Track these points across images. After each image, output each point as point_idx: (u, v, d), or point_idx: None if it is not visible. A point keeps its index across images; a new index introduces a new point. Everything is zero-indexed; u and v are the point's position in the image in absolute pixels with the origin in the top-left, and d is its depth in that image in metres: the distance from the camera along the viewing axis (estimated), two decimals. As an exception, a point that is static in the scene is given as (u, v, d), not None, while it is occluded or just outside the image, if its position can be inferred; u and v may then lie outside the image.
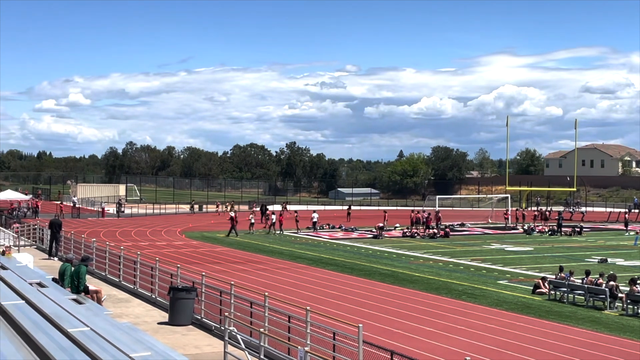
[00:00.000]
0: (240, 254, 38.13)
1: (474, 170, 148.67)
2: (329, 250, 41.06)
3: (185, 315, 18.47)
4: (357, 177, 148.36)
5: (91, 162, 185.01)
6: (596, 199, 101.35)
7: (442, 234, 50.06)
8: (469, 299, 25.14)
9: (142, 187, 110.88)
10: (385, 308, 23.11)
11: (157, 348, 7.14)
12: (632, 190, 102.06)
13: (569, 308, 23.64)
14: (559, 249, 42.25)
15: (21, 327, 7.24)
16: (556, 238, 50.51)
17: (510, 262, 35.37)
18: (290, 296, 23.18)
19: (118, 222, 61.08)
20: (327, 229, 56.10)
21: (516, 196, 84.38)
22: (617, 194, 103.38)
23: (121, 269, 25.17)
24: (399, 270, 32.36)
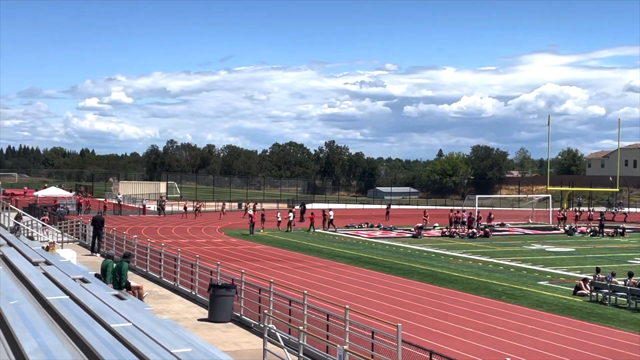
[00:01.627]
0: (279, 251, 38.25)
1: (515, 169, 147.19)
2: (367, 249, 40.99)
3: (225, 312, 18.57)
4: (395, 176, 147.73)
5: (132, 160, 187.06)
6: (639, 199, 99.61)
7: (482, 234, 49.66)
8: (509, 299, 24.90)
9: (182, 185, 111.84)
10: (424, 308, 23.00)
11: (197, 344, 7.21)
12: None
13: (610, 310, 23.29)
14: (600, 250, 41.64)
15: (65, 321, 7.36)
16: (598, 239, 49.79)
17: (551, 263, 34.95)
18: (329, 294, 23.19)
19: (159, 219, 61.71)
20: (365, 228, 55.99)
21: (557, 196, 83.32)
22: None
23: (162, 265, 25.42)
24: (437, 269, 32.18)
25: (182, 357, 6.27)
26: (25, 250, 14.25)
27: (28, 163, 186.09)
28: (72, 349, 6.43)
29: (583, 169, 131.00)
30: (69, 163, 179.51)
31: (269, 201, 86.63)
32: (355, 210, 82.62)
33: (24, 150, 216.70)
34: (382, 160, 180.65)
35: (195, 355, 6.43)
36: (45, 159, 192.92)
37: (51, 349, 5.89)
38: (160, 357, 6.15)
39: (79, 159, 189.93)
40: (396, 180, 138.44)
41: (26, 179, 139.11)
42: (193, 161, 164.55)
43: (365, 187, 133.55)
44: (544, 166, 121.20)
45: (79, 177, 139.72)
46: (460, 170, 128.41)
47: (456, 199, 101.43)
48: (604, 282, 24.96)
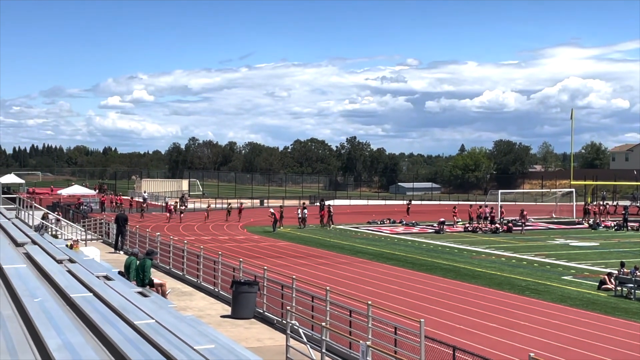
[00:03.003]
0: (301, 248, 38.32)
1: (537, 164, 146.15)
2: (389, 245, 40.93)
3: (248, 309, 18.64)
4: (417, 171, 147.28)
5: (155, 158, 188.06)
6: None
7: (505, 229, 49.40)
8: (533, 294, 24.78)
9: (204, 182, 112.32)
10: (447, 303, 22.95)
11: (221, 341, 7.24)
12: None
13: (636, 304, 23.10)
14: (625, 244, 41.27)
15: (89, 319, 7.42)
16: (623, 233, 49.35)
17: (575, 258, 34.71)
18: (351, 290, 23.20)
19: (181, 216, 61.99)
20: (387, 224, 55.90)
21: (581, 191, 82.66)
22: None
23: (185, 262, 25.56)
24: (460, 265, 32.07)
25: (205, 354, 6.29)
26: (49, 248, 14.39)
27: (51, 162, 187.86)
28: (96, 346, 6.48)
29: (607, 163, 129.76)
30: (92, 161, 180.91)
31: (291, 197, 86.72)
32: (377, 207, 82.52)
33: (47, 149, 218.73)
34: (403, 156, 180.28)
35: (218, 352, 6.46)
36: (68, 157, 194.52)
37: (75, 347, 5.93)
38: (184, 354, 6.18)
39: (101, 157, 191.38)
40: (418, 176, 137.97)
41: (50, 177, 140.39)
42: (215, 158, 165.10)
43: (387, 183, 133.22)
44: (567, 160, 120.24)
45: (101, 175, 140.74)
46: (482, 165, 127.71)
47: (479, 194, 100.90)
48: (629, 277, 24.76)
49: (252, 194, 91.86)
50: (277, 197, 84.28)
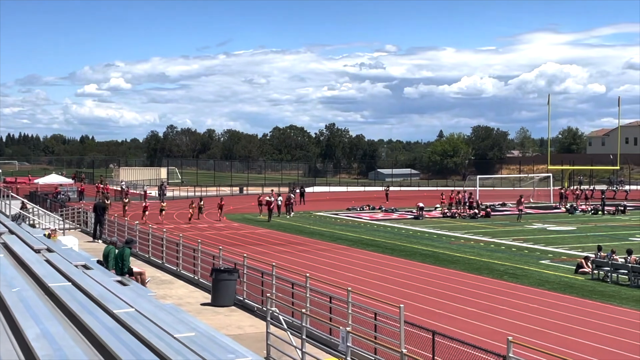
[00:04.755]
0: (281, 235, 38.32)
1: (515, 149, 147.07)
2: (369, 231, 41.04)
3: (228, 297, 18.63)
4: (396, 157, 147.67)
5: (133, 146, 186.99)
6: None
7: (483, 214, 49.70)
8: (511, 279, 24.97)
9: (183, 170, 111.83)
10: (426, 289, 23.07)
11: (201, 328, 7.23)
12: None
13: (612, 287, 23.35)
14: (602, 228, 41.68)
15: (68, 308, 7.39)
16: (599, 217, 49.83)
17: (553, 242, 35.01)
18: (331, 277, 23.25)
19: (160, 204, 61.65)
20: (367, 210, 56.03)
21: (558, 175, 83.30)
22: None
23: (164, 251, 25.47)
24: (439, 250, 32.24)
25: (186, 342, 6.28)
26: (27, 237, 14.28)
27: (28, 151, 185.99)
28: (75, 335, 6.45)
29: (584, 148, 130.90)
30: (69, 150, 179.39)
31: (270, 185, 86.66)
32: (356, 193, 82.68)
33: (23, 138, 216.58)
34: (382, 142, 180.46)
35: (198, 340, 6.45)
36: (45, 146, 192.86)
37: (54, 336, 5.90)
38: (164, 342, 6.17)
39: (79, 145, 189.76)
40: (397, 162, 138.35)
41: (26, 166, 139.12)
42: (193, 146, 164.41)
43: (366, 170, 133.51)
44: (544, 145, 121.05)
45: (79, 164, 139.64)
46: (460, 150, 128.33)
47: (457, 180, 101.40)
48: (605, 260, 25.03)
49: (231, 181, 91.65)
50: (256, 185, 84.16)
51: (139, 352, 5.66)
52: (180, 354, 5.77)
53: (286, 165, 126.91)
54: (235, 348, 6.50)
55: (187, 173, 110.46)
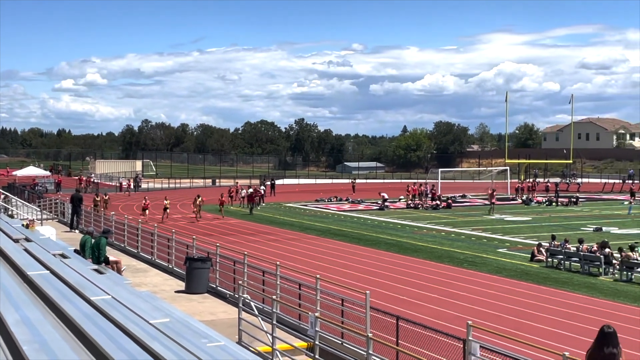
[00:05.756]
0: (252, 225, 38.25)
1: (475, 144, 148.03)
2: (336, 221, 41.12)
3: (201, 284, 18.56)
4: (363, 151, 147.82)
5: (108, 139, 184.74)
6: (591, 170, 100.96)
7: (445, 205, 50.03)
8: (470, 266, 25.20)
9: (157, 163, 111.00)
10: (390, 276, 23.19)
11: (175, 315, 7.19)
12: (626, 162, 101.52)
13: (565, 274, 23.68)
14: (556, 219, 42.20)
15: (47, 295, 7.31)
16: (553, 208, 50.42)
17: (510, 232, 35.38)
18: (300, 265, 23.28)
19: (135, 196, 61.24)
20: (334, 202, 56.11)
21: (515, 169, 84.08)
22: (612, 166, 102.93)
23: (139, 240, 25.29)
24: (403, 240, 32.41)
25: (161, 327, 6.25)
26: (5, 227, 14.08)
27: (6, 144, 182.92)
28: (54, 322, 6.39)
29: (539, 143, 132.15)
30: (46, 143, 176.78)
31: (242, 177, 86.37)
32: (324, 185, 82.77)
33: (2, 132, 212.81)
34: (349, 137, 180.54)
35: (173, 325, 6.42)
36: (23, 139, 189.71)
37: (33, 322, 5.84)
38: (140, 328, 6.13)
39: (56, 139, 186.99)
40: (363, 156, 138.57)
41: (5, 159, 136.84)
42: (167, 140, 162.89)
43: (333, 163, 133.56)
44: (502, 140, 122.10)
45: (56, 156, 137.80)
46: (423, 145, 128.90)
47: (420, 173, 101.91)
48: (559, 249, 25.36)
49: (204, 174, 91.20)
50: (228, 177, 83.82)
51: (115, 337, 5.62)
52: (156, 339, 5.73)
53: (257, 158, 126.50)
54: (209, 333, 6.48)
55: (161, 166, 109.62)
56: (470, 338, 10.29)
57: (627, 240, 29.41)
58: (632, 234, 33.59)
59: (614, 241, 27.57)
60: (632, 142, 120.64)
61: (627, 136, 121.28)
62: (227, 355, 5.52)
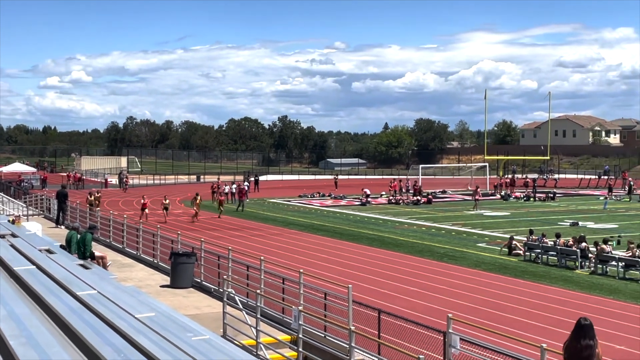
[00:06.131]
0: (236, 221, 38.16)
1: (455, 140, 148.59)
2: (319, 216, 41.13)
3: (186, 279, 18.51)
4: (345, 148, 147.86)
5: (94, 136, 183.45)
6: (568, 166, 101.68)
7: (425, 201, 50.18)
8: (450, 260, 25.31)
9: (142, 159, 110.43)
10: (372, 270, 23.24)
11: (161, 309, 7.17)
12: (602, 158, 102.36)
13: (542, 268, 23.84)
14: (534, 214, 42.45)
15: (33, 290, 7.26)
16: (531, 203, 50.70)
17: (489, 226, 35.56)
18: (284, 260, 23.26)
19: (120, 192, 60.93)
20: (317, 197, 56.12)
21: (494, 165, 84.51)
22: (588, 162, 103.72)
23: (125, 236, 25.17)
24: (385, 234, 32.48)
25: (146, 322, 6.23)
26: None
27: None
28: (41, 316, 6.35)
29: (517, 139, 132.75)
30: (31, 140, 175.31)
31: (226, 173, 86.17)
32: (307, 181, 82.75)
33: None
34: (332, 134, 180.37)
35: (158, 320, 6.40)
36: (8, 136, 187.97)
37: (20, 316, 5.80)
38: (126, 322, 6.11)
39: (41, 135, 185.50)
40: (345, 152, 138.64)
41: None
42: (152, 136, 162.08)
43: (316, 159, 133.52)
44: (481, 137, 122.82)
45: (41, 153, 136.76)
46: (404, 141, 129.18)
47: (401, 169, 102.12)
48: (537, 243, 25.53)
49: (189, 170, 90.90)
50: (213, 173, 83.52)
51: (101, 331, 5.59)
52: (141, 333, 5.72)
53: (241, 155, 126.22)
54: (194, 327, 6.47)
55: (146, 162, 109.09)
56: (451, 330, 10.34)
57: (603, 234, 29.69)
58: (607, 229, 33.89)
59: (590, 235, 27.79)
60: (607, 138, 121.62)
61: (602, 133, 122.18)
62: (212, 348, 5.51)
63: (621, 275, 21.98)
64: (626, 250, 23.23)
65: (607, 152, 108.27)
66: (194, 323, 6.79)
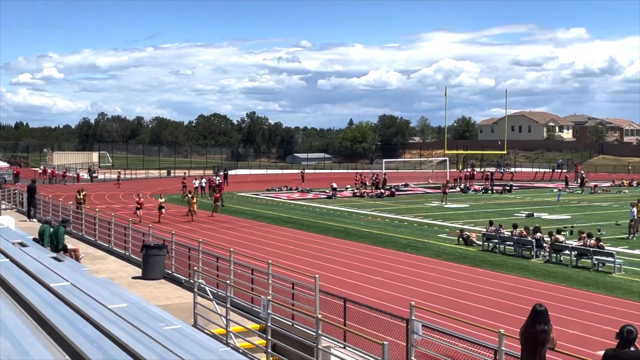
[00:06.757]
0: (206, 214, 37.92)
1: (416, 136, 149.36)
2: (287, 209, 41.09)
3: (157, 270, 18.35)
4: (311, 143, 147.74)
5: (66, 132, 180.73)
6: (524, 160, 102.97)
7: (389, 194, 50.42)
8: (413, 251, 25.47)
9: (113, 154, 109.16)
10: (338, 260, 23.30)
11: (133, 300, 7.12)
12: (556, 153, 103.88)
13: (500, 257, 24.12)
14: (491, 206, 42.91)
15: (7, 283, 7.15)
16: (489, 196, 51.25)
17: (449, 218, 35.86)
18: (253, 251, 23.21)
19: (92, 186, 60.15)
20: (285, 191, 56.05)
21: (454, 159, 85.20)
22: (542, 156, 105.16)
23: (97, 229, 24.87)
24: (350, 226, 32.57)
25: (119, 312, 6.17)
26: (-36, 218, 13.69)
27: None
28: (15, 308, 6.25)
29: (475, 135, 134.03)
30: (4, 135, 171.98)
31: (196, 168, 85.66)
32: (275, 175, 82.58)
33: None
34: (298, 129, 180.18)
35: (131, 310, 6.35)
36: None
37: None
38: (99, 313, 6.05)
39: (13, 131, 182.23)
40: (312, 147, 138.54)
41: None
42: (123, 132, 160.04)
43: (284, 154, 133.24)
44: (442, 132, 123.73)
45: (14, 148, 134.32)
46: (368, 137, 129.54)
47: (366, 163, 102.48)
48: (494, 234, 25.81)
49: (159, 164, 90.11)
50: (182, 168, 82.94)
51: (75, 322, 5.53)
52: (114, 323, 5.66)
53: (210, 150, 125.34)
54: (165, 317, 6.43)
55: (117, 157, 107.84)
56: (413, 318, 10.41)
57: (557, 225, 30.15)
58: (561, 219, 34.42)
59: (545, 226, 28.20)
60: (560, 134, 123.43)
61: (556, 128, 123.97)
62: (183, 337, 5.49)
63: (574, 263, 22.36)
64: (578, 239, 23.61)
65: (561, 146, 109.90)
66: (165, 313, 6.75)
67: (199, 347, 5.26)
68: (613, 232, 29.91)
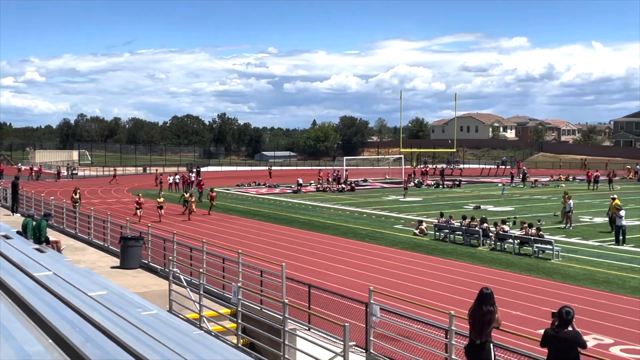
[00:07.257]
0: (180, 208, 37.57)
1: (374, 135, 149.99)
2: (256, 203, 40.96)
3: (135, 260, 18.18)
4: (278, 142, 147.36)
5: (47, 132, 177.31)
6: (471, 158, 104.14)
7: (349, 189, 50.57)
8: (371, 240, 25.61)
9: (92, 153, 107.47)
10: (304, 250, 23.32)
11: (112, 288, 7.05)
12: (500, 151, 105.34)
13: (450, 246, 24.39)
14: (442, 199, 43.33)
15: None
16: (440, 190, 51.74)
17: (404, 210, 36.11)
18: (224, 242, 23.10)
19: (73, 183, 59.12)
20: (253, 186, 55.83)
21: (408, 156, 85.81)
22: (488, 154, 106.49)
23: (77, 222, 24.52)
24: (314, 219, 32.60)
25: (99, 299, 6.11)
26: (-50, 212, 13.38)
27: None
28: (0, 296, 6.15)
29: (428, 134, 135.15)
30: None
31: (170, 165, 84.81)
32: (244, 172, 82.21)
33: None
34: (266, 130, 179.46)
35: (110, 297, 6.29)
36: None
37: (-20, 297, 5.61)
38: (80, 300, 5.98)
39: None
40: (278, 146, 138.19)
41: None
42: (102, 132, 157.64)
43: (252, 152, 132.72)
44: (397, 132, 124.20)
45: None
46: (330, 136, 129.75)
47: (328, 161, 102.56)
48: (445, 224, 26.08)
49: (135, 162, 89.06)
50: (158, 165, 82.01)
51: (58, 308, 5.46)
52: (95, 310, 5.61)
53: (184, 148, 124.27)
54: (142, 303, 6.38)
55: (96, 155, 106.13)
56: (372, 301, 10.48)
57: (501, 216, 30.57)
58: (505, 211, 34.92)
59: (491, 217, 28.57)
60: (504, 133, 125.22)
61: (500, 129, 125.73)
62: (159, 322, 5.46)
63: (517, 251, 22.72)
64: (520, 229, 23.99)
65: (505, 145, 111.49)
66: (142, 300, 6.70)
67: (174, 331, 5.23)
68: (552, 222, 30.46)
